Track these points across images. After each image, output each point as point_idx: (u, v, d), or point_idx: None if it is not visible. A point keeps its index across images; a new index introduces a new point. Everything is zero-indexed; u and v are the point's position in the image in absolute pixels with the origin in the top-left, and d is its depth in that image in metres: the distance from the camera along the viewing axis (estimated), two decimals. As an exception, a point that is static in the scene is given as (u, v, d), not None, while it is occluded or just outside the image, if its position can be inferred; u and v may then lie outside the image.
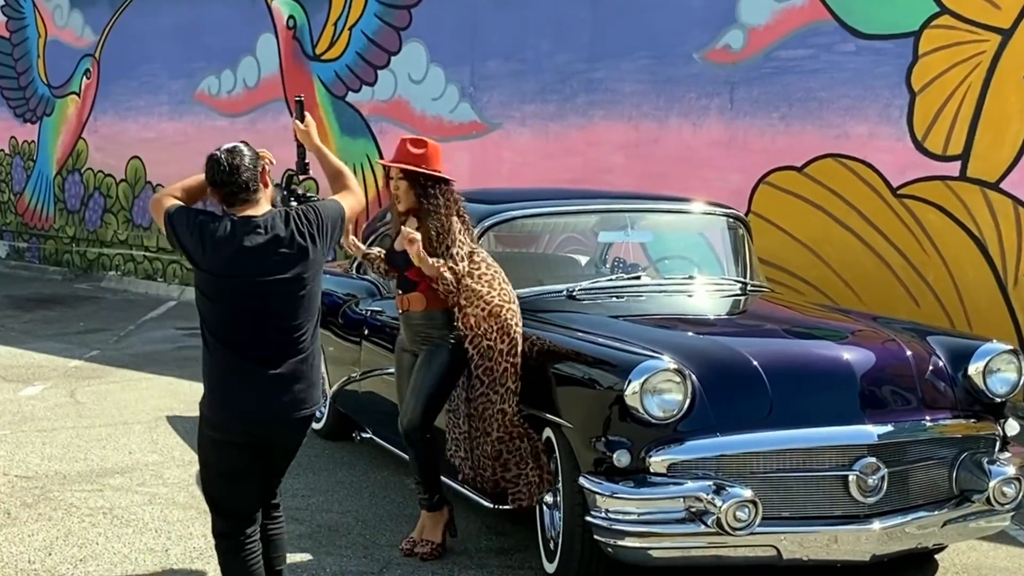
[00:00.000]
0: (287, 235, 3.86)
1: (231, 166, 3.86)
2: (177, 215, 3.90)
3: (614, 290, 5.76)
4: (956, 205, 7.88)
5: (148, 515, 5.69)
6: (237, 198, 3.89)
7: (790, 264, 8.58)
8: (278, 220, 3.89)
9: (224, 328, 3.86)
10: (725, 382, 4.52)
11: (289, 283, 3.84)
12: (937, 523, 4.61)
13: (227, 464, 3.94)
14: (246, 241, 3.81)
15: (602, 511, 4.38)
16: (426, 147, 5.08)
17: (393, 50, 11.75)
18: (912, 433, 4.60)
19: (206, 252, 3.82)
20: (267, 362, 3.84)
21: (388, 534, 5.47)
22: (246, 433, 3.89)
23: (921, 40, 7.98)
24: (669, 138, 9.48)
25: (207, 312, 3.89)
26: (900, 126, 8.11)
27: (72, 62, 15.92)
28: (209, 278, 3.85)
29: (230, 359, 3.85)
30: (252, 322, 3.83)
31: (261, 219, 3.87)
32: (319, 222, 3.96)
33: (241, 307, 3.83)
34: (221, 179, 3.88)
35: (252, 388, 3.84)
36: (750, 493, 4.24)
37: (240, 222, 3.85)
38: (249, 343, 3.84)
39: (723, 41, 9.08)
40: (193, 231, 3.84)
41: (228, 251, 3.80)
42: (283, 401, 3.86)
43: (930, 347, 4.96)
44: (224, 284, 3.83)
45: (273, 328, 3.85)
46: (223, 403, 3.89)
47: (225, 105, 13.70)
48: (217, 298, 3.85)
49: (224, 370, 3.87)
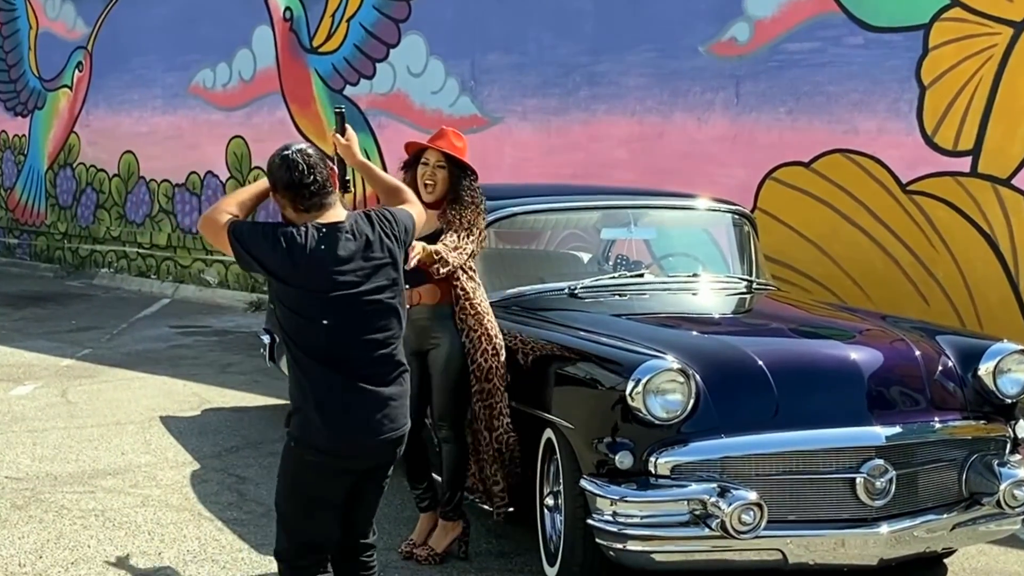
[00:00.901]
0: (376, 239, 3.66)
1: (308, 165, 3.60)
2: (247, 231, 3.61)
3: (617, 288, 5.76)
4: (967, 201, 7.87)
5: (141, 517, 5.69)
6: (316, 202, 3.61)
7: (797, 262, 8.58)
8: (363, 224, 3.67)
9: (324, 346, 3.59)
10: (730, 382, 4.52)
11: (386, 290, 3.65)
12: (946, 527, 4.61)
13: (326, 491, 3.73)
14: (340, 250, 3.57)
15: (604, 514, 4.38)
16: (464, 142, 5.13)
17: (392, 43, 11.75)
18: (921, 435, 4.60)
19: (298, 267, 3.55)
20: (373, 379, 3.64)
21: (386, 537, 5.47)
22: (357, 457, 3.70)
23: (931, 33, 7.97)
24: (673, 133, 9.48)
25: (300, 330, 3.61)
26: (910, 121, 8.10)
27: (64, 54, 15.93)
28: (303, 294, 3.58)
29: (333, 379, 3.60)
30: (355, 337, 3.60)
31: (347, 224, 3.63)
32: (399, 225, 3.77)
33: (342, 322, 3.58)
34: (299, 180, 3.59)
35: (363, 408, 3.63)
36: (755, 496, 4.24)
37: (329, 229, 3.59)
38: (353, 360, 3.61)
39: (729, 34, 9.07)
40: (275, 246, 3.55)
41: (324, 263, 3.55)
42: (390, 419, 3.68)
43: (939, 347, 4.96)
44: (323, 299, 3.56)
45: (375, 342, 3.63)
46: (332, 426, 3.61)
47: (220, 99, 13.70)
48: (314, 315, 3.57)
49: (328, 391, 3.60)
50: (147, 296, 14.01)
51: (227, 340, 10.76)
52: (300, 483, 3.75)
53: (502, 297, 5.57)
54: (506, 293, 5.63)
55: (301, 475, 3.74)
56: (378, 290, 3.62)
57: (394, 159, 10.73)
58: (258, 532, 5.51)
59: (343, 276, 3.55)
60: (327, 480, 3.71)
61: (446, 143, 5.05)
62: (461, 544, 5.20)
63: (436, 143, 5.07)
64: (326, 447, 3.64)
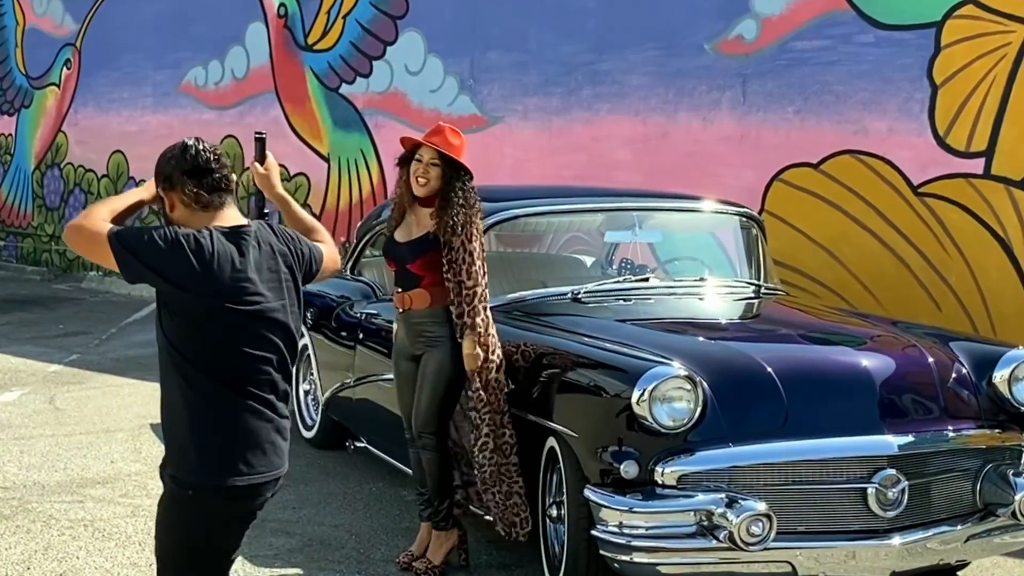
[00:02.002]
0: (279, 252, 3.34)
1: (213, 154, 3.28)
2: (136, 236, 3.19)
3: (621, 293, 5.76)
4: (980, 204, 7.88)
5: (131, 528, 5.68)
6: (216, 198, 3.27)
7: (806, 266, 8.58)
8: (267, 233, 3.36)
9: (224, 365, 3.21)
10: (738, 390, 4.52)
11: (285, 310, 3.31)
12: (960, 538, 4.61)
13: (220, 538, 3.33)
14: (245, 256, 3.23)
15: (609, 525, 4.38)
16: (461, 140, 5.10)
17: (389, 40, 11.75)
18: (934, 444, 4.60)
19: (202, 272, 3.15)
20: (272, 406, 3.28)
21: (383, 548, 5.48)
22: (254, 497, 3.30)
23: (943, 31, 7.98)
24: (678, 133, 9.48)
25: (196, 346, 3.21)
26: (921, 121, 8.11)
27: (51, 52, 15.94)
28: (203, 303, 3.19)
29: (232, 404, 3.22)
30: (253, 354, 3.23)
31: (252, 229, 3.31)
32: (304, 246, 3.47)
33: (246, 337, 3.22)
34: (205, 165, 3.25)
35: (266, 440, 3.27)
36: (764, 507, 4.24)
37: (233, 233, 3.24)
38: (250, 381, 3.24)
39: (736, 31, 9.08)
40: (175, 248, 3.15)
41: (229, 269, 3.18)
42: (278, 455, 3.31)
43: (952, 353, 4.96)
44: (226, 310, 3.19)
45: (271, 362, 3.27)
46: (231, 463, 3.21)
47: (212, 97, 13.71)
48: (214, 327, 3.20)
49: (229, 420, 3.22)
50: (137, 300, 13.99)
51: (219, 345, 10.73)
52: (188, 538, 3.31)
53: (503, 302, 5.56)
54: (507, 298, 5.62)
55: (188, 529, 3.29)
56: (279, 308, 3.28)
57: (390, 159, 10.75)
58: (252, 543, 5.50)
59: (249, 285, 3.21)
60: (223, 531, 3.32)
61: (441, 140, 5.04)
62: (460, 552, 5.20)
63: (431, 139, 5.05)
64: (225, 490, 3.22)
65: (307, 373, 7.37)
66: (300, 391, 7.46)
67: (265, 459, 3.26)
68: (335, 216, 12.44)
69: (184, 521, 3.29)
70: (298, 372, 7.45)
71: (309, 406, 7.40)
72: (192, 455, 3.22)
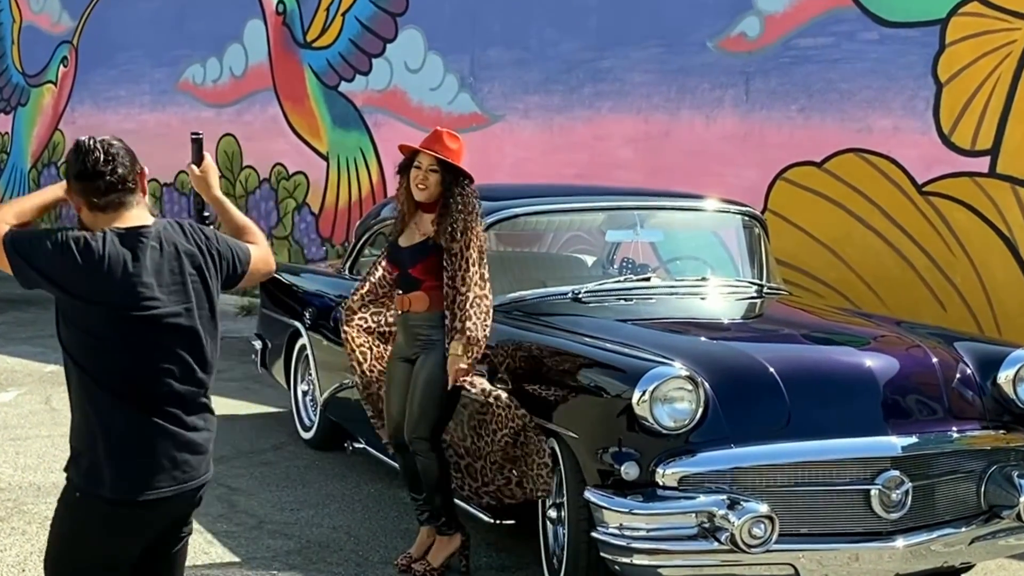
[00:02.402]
0: (187, 252, 3.18)
1: (107, 154, 3.11)
2: (27, 239, 3.08)
3: (622, 292, 5.76)
4: (985, 203, 7.87)
5: (128, 529, 5.68)
6: (113, 199, 3.12)
7: (809, 265, 8.57)
8: (173, 232, 3.19)
9: (119, 374, 3.09)
10: (740, 390, 4.52)
11: (192, 314, 3.17)
12: (964, 540, 4.61)
13: (114, 551, 3.19)
14: (141, 259, 3.08)
15: (609, 527, 4.38)
16: (459, 143, 5.11)
17: (388, 37, 11.75)
18: (938, 445, 4.60)
19: (91, 277, 3.03)
20: (173, 417, 3.14)
21: (382, 550, 5.47)
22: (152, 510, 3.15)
23: (948, 28, 7.97)
24: (681, 131, 9.48)
25: (90, 355, 3.10)
26: (926, 119, 8.10)
27: (48, 49, 15.94)
28: (96, 310, 3.07)
29: (127, 414, 3.10)
30: (154, 364, 3.11)
31: (153, 230, 3.14)
32: (222, 244, 3.30)
33: (140, 345, 3.10)
34: (92, 168, 3.10)
35: (160, 450, 3.13)
36: (766, 508, 4.23)
37: (129, 234, 3.10)
38: (151, 392, 3.12)
39: (738, 28, 9.08)
40: (64, 252, 3.03)
41: (121, 274, 3.05)
42: (191, 466, 3.18)
43: (957, 353, 4.96)
44: (119, 317, 3.07)
45: (176, 372, 3.14)
46: (124, 470, 3.09)
47: (210, 95, 13.71)
48: (108, 336, 3.08)
49: (121, 428, 3.10)
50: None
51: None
52: (82, 543, 3.18)
53: (503, 301, 5.55)
54: (507, 297, 5.62)
55: (84, 532, 3.17)
56: (183, 313, 3.14)
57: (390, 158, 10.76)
58: (249, 544, 5.51)
59: (144, 290, 3.07)
60: (117, 538, 3.17)
61: (439, 146, 5.06)
62: (461, 558, 5.19)
63: (429, 146, 5.07)
64: (113, 498, 3.10)
65: (305, 373, 7.37)
66: (298, 391, 7.46)
67: (164, 475, 3.12)
68: (334, 215, 12.44)
69: (69, 520, 3.20)
70: (296, 372, 7.46)
71: (307, 407, 7.40)
72: (84, 460, 3.14)
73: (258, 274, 3.48)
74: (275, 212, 13.11)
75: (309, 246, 12.72)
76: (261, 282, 3.52)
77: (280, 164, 12.98)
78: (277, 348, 7.68)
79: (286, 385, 7.65)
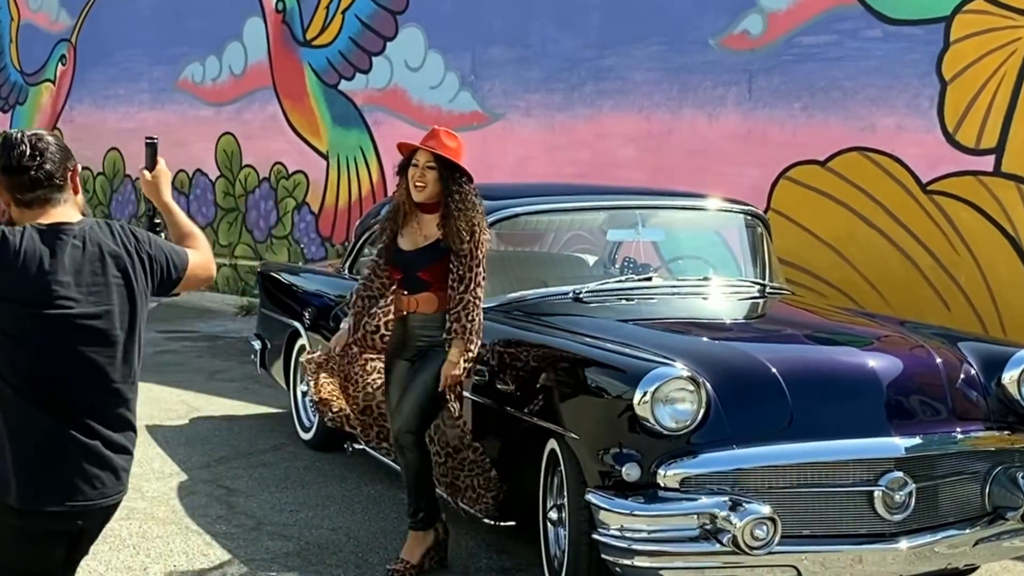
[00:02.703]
0: (112, 253, 3.10)
1: (34, 149, 3.07)
2: None
3: (623, 292, 5.76)
4: (990, 202, 7.87)
5: (125, 531, 5.68)
6: (40, 195, 3.08)
7: (812, 265, 8.57)
8: (99, 232, 3.11)
9: (33, 378, 3.00)
10: (742, 391, 4.51)
11: (112, 318, 3.07)
12: (968, 542, 4.60)
13: (31, 562, 3.10)
14: (60, 256, 3.01)
15: (610, 528, 4.37)
16: (458, 141, 5.11)
17: (389, 35, 11.75)
18: (942, 446, 4.59)
19: (5, 272, 2.97)
20: (89, 430, 3.04)
21: (381, 552, 5.47)
22: (66, 518, 3.07)
23: (953, 26, 7.97)
24: (683, 130, 9.48)
25: (6, 358, 3.00)
26: (930, 117, 8.10)
27: (47, 47, 15.93)
28: (10, 307, 2.98)
29: (43, 422, 3.01)
30: (69, 370, 3.02)
31: (78, 227, 3.08)
32: (153, 247, 3.22)
33: (56, 348, 3.01)
34: (18, 162, 3.06)
35: (72, 465, 3.03)
36: (768, 510, 4.23)
37: (50, 230, 3.04)
38: (66, 399, 3.02)
39: (741, 26, 9.07)
40: None
41: (37, 269, 2.99)
42: (101, 482, 3.08)
43: (961, 354, 4.96)
44: (34, 315, 2.99)
45: (92, 381, 3.05)
46: (37, 481, 3.01)
47: (210, 93, 13.71)
48: (23, 335, 2.99)
49: (34, 437, 3.01)
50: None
51: (216, 346, 10.75)
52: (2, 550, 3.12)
53: (503, 301, 5.57)
54: (507, 297, 5.62)
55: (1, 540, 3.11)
56: (101, 316, 3.05)
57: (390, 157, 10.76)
58: (248, 546, 5.51)
59: (58, 288, 2.99)
60: (31, 547, 3.10)
61: (436, 143, 5.06)
62: (435, 555, 5.20)
63: (426, 143, 5.07)
64: (23, 506, 3.02)
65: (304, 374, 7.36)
66: (298, 392, 7.46)
67: (72, 488, 3.04)
68: (334, 214, 12.45)
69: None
70: (296, 373, 7.46)
71: (307, 407, 7.39)
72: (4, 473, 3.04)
73: (195, 279, 3.38)
74: (275, 211, 13.11)
75: (309, 245, 12.72)
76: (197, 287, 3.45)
77: (280, 163, 12.98)
78: (276, 348, 7.68)
79: (285, 385, 7.65)
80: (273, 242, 13.11)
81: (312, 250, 12.66)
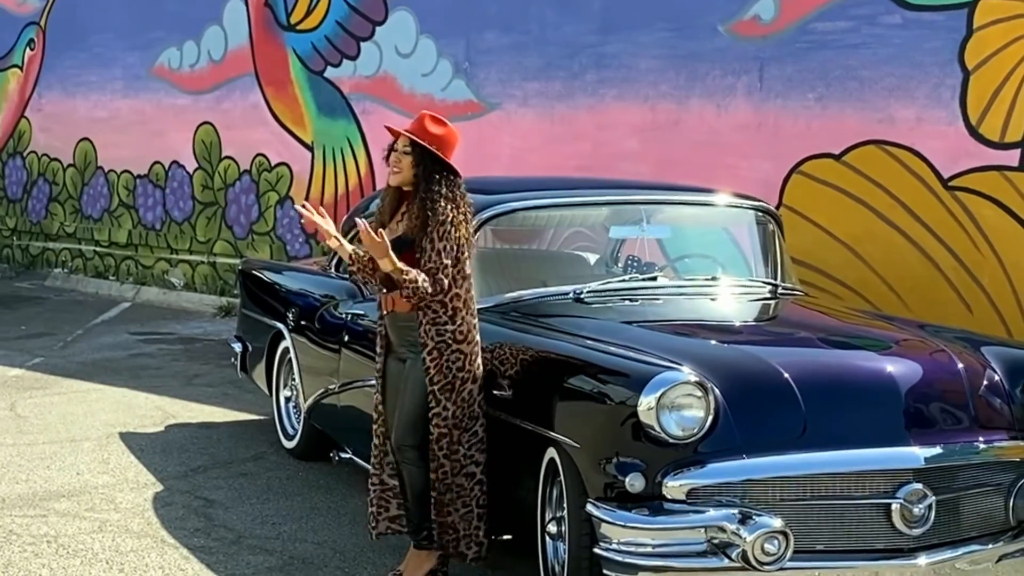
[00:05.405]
0: None
1: None
2: None
3: (627, 292, 5.77)
4: (1014, 198, 7.89)
5: (98, 544, 5.69)
6: None
7: (826, 264, 8.59)
8: None
9: None
10: (752, 397, 4.53)
11: None
12: (991, 558, 4.62)
13: None
14: None
15: (612, 542, 4.38)
16: (445, 128, 5.09)
17: (378, 19, 11.76)
18: (963, 456, 4.61)
19: None
20: None
21: (369, 567, 5.49)
22: None
23: (976, 11, 7.99)
24: (690, 121, 9.49)
25: None
26: (952, 109, 8.12)
27: (14, 31, 15.93)
28: None
29: None
30: None
31: None
32: None
33: None
34: None
35: None
36: (780, 523, 4.25)
37: None
38: None
39: (752, 11, 9.09)
40: None
41: None
42: None
43: (984, 359, 4.98)
44: None
45: None
46: None
47: (187, 81, 13.70)
48: None
49: None
50: (105, 299, 14.00)
51: (194, 348, 10.76)
52: None
53: (500, 302, 5.58)
54: (504, 298, 5.64)
55: None
56: None
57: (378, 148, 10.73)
58: (228, 561, 5.52)
59: None
60: None
61: (416, 127, 5.07)
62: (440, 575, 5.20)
63: (410, 128, 5.09)
64: None
65: (288, 378, 7.38)
66: (281, 398, 7.47)
67: None
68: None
69: None
70: (279, 377, 7.47)
71: (290, 414, 7.41)
72: None
73: None
74: (256, 206, 13.11)
75: (292, 242, 12.72)
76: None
77: (262, 155, 12.98)
78: (258, 351, 7.69)
79: (267, 391, 7.66)
80: (255, 238, 13.11)
81: (296, 247, 12.66)
